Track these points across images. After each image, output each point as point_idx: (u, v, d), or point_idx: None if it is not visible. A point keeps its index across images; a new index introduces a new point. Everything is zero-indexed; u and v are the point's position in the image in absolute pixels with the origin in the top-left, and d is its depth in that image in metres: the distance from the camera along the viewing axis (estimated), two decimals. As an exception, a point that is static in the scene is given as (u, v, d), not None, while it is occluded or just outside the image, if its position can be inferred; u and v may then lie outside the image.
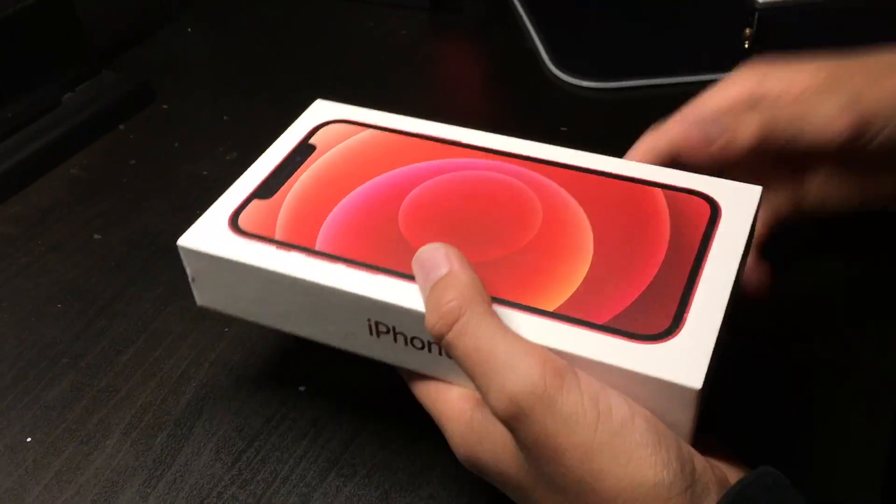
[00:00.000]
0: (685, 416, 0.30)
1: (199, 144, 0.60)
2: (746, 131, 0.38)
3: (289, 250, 0.35)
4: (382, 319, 0.34)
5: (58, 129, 0.60)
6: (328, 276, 0.34)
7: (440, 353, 0.33)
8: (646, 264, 0.34)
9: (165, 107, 0.64)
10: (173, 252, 0.51)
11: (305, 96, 0.45)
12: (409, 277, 0.33)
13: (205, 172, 0.57)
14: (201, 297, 0.38)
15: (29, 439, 0.40)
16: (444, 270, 0.31)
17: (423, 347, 0.34)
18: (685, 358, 0.30)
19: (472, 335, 0.30)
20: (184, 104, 0.64)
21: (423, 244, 0.33)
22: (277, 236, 0.36)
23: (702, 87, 0.42)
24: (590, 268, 0.34)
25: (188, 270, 0.38)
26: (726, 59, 0.65)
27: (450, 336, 0.30)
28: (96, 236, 0.52)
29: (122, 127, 0.62)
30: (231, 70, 0.69)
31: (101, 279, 0.49)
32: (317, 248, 0.36)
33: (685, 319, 0.32)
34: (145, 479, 0.38)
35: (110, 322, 0.46)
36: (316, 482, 0.38)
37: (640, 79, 0.63)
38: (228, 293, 0.37)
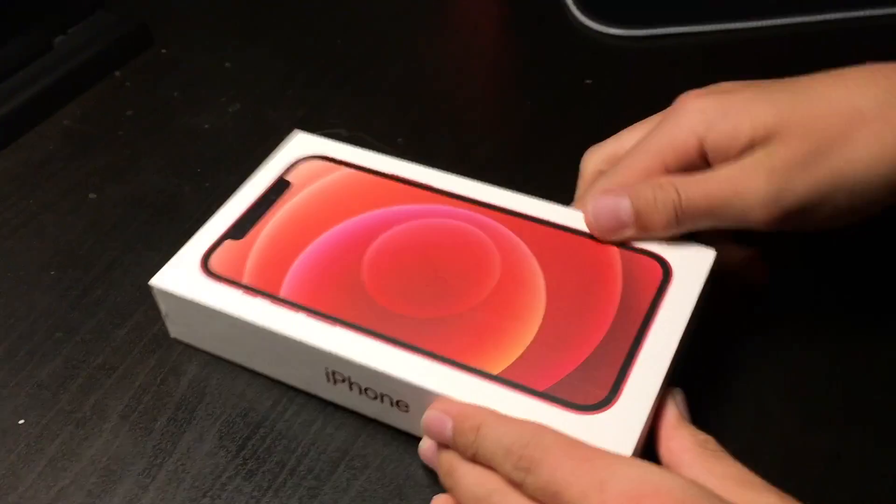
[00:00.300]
0: None
1: (200, 94, 0.57)
2: (660, 220, 0.36)
3: (254, 296, 0.37)
4: (338, 370, 0.35)
5: (49, 76, 0.56)
6: (289, 326, 0.36)
7: (392, 405, 0.35)
8: (592, 329, 0.35)
9: (164, 51, 0.60)
10: (173, 214, 0.48)
11: (310, 42, 0.42)
12: (366, 331, 0.35)
13: (206, 126, 0.54)
14: (173, 331, 0.41)
15: (21, 421, 0.38)
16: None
17: (376, 398, 0.35)
18: (616, 431, 0.32)
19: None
20: (183, 49, 0.61)
21: (384, 297, 0.37)
22: (245, 280, 0.38)
23: (736, 35, 0.38)
24: (538, 331, 0.35)
25: (161, 307, 0.40)
26: (761, 5, 0.60)
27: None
28: (91, 195, 0.49)
29: (117, 73, 0.59)
30: (233, 11, 0.65)
31: (97, 243, 0.47)
32: (281, 295, 0.37)
33: (622, 391, 0.33)
34: (144, 469, 0.36)
35: (107, 292, 0.44)
36: (325, 474, 0.36)
37: (672, 27, 0.59)
38: (198, 331, 0.40)
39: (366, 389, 0.35)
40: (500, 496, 0.30)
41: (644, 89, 0.55)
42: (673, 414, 0.33)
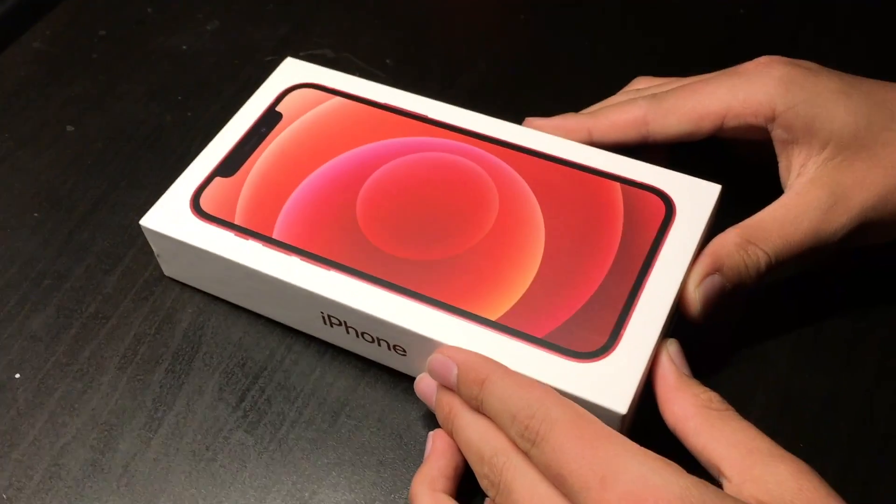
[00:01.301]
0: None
1: (174, 9, 0.54)
2: (752, 282, 0.35)
3: (247, 238, 0.36)
4: (334, 314, 0.35)
5: (14, -8, 0.53)
6: (282, 270, 0.35)
7: (389, 349, 0.35)
8: (592, 270, 0.34)
9: (134, -40, 0.57)
10: (156, 147, 0.47)
11: None
12: (362, 275, 0.35)
13: (184, 47, 0.51)
14: (167, 270, 0.40)
15: (18, 375, 0.38)
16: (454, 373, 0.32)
17: (373, 342, 0.35)
18: (614, 380, 0.31)
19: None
20: (154, -42, 0.57)
21: (379, 238, 0.36)
22: (237, 220, 0.37)
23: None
24: (537, 273, 0.35)
25: (153, 247, 0.39)
26: None
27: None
28: (69, 128, 0.47)
29: (86, -13, 0.55)
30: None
31: (80, 181, 0.45)
32: (274, 236, 0.36)
33: (621, 336, 0.32)
34: (145, 422, 0.36)
35: (94, 234, 0.43)
36: (326, 425, 0.36)
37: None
38: (191, 271, 0.39)
39: (363, 333, 0.35)
40: (505, 458, 0.30)
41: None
42: (671, 372, 0.32)
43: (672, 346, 0.33)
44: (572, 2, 0.53)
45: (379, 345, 0.35)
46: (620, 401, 0.31)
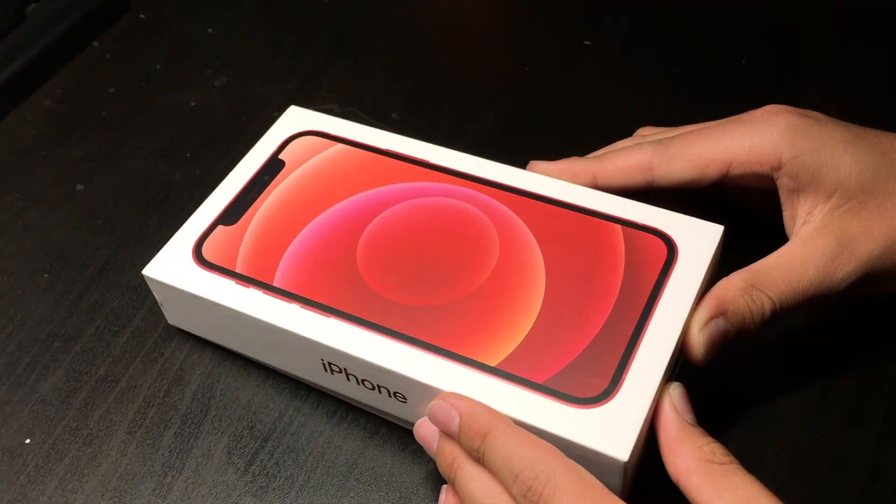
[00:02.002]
0: (615, 483, 0.31)
1: (184, 66, 0.55)
2: (755, 328, 0.35)
3: (248, 286, 0.37)
4: (334, 361, 0.35)
5: (26, 51, 0.54)
6: (283, 318, 0.35)
7: (390, 396, 0.35)
8: (593, 314, 0.34)
9: (142, 17, 0.58)
10: (165, 205, 0.47)
11: (296, 2, 0.40)
12: (362, 322, 0.35)
13: (192, 103, 0.52)
14: (171, 319, 0.41)
15: (28, 441, 0.38)
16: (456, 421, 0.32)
17: (373, 389, 0.35)
18: (615, 426, 0.31)
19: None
20: (163, 14, 0.58)
21: (379, 284, 0.36)
22: (238, 269, 0.37)
23: None
24: (537, 318, 0.34)
25: (156, 296, 0.40)
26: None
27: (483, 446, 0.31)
28: (80, 187, 0.48)
29: (95, 44, 0.56)
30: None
31: (90, 240, 0.46)
32: (275, 283, 0.37)
33: (622, 381, 0.32)
34: (155, 488, 0.36)
35: (103, 295, 0.43)
36: (335, 490, 0.36)
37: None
38: (194, 320, 0.39)
39: (363, 380, 0.35)
40: None
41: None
42: (673, 421, 0.32)
43: (675, 391, 0.33)
44: (576, 55, 0.53)
45: (379, 392, 0.35)
46: (621, 448, 0.30)
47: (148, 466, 0.37)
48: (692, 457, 0.31)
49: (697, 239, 0.36)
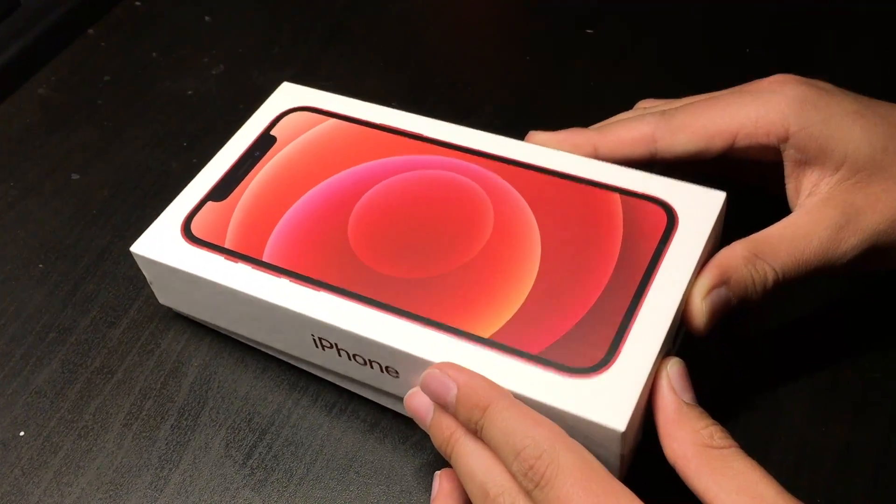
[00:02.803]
0: (612, 454, 0.30)
1: (180, 54, 0.54)
2: (756, 298, 0.34)
3: (236, 261, 0.36)
4: (324, 336, 0.34)
5: (20, 39, 0.53)
6: (272, 292, 0.35)
7: (382, 371, 0.34)
8: (590, 284, 0.33)
9: (138, 4, 0.57)
10: (161, 195, 0.47)
11: None
12: (353, 295, 0.34)
13: (189, 92, 0.51)
14: (161, 298, 0.40)
15: (22, 433, 0.38)
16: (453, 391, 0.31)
17: (365, 364, 0.34)
18: (612, 397, 0.30)
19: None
20: (159, 1, 0.57)
21: (370, 257, 0.35)
22: (227, 244, 0.37)
23: None
24: (532, 288, 0.34)
25: (145, 274, 0.39)
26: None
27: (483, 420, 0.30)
28: (74, 176, 0.47)
29: (91, 31, 0.55)
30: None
31: (85, 231, 0.45)
32: (264, 258, 0.36)
33: (619, 351, 0.31)
34: (151, 481, 0.36)
35: (98, 286, 0.42)
36: (335, 483, 0.35)
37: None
38: (184, 297, 0.39)
39: (354, 356, 0.34)
40: (511, 500, 0.29)
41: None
42: (670, 402, 0.30)
43: (673, 368, 0.31)
44: (577, 43, 0.53)
45: (371, 367, 0.34)
46: (619, 418, 0.29)
47: (144, 459, 0.36)
48: (689, 441, 0.29)
49: (698, 206, 0.35)
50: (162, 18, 0.56)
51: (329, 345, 0.35)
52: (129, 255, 0.43)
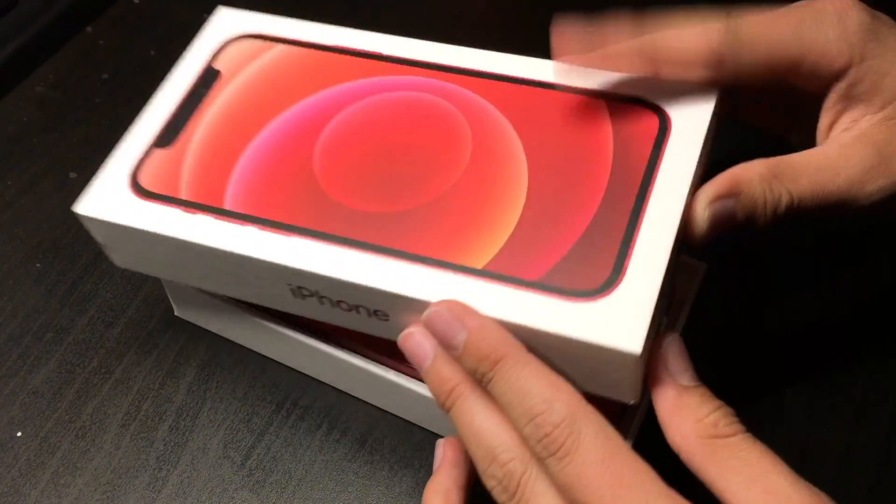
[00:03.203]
0: (628, 377, 0.28)
1: (178, 52, 0.53)
2: (764, 222, 0.31)
3: (195, 212, 0.32)
4: (303, 285, 0.31)
5: (18, 36, 0.52)
6: (239, 243, 0.31)
7: (369, 316, 0.31)
8: (585, 201, 0.31)
9: (137, 1, 0.57)
10: (159, 193, 0.46)
11: None
12: (328, 237, 0.31)
13: (187, 90, 0.51)
14: (118, 260, 0.36)
15: (19, 434, 0.37)
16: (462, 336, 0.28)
17: (350, 310, 0.31)
18: (623, 318, 0.27)
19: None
20: (157, -2, 0.57)
21: (342, 194, 0.32)
22: (183, 195, 0.33)
23: None
24: (523, 210, 0.31)
25: (95, 237, 0.35)
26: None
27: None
28: (72, 174, 0.47)
29: (89, 29, 0.55)
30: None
31: (83, 230, 0.44)
32: (226, 206, 0.32)
33: (625, 269, 0.29)
34: (149, 482, 0.36)
35: (96, 286, 0.42)
36: (333, 484, 0.35)
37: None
38: (142, 257, 0.35)
39: (338, 302, 0.31)
40: (523, 468, 0.27)
41: None
42: (669, 388, 0.28)
43: (670, 347, 0.29)
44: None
45: (357, 313, 0.31)
46: (633, 340, 0.27)
47: (142, 460, 0.36)
48: (692, 432, 0.27)
49: (690, 107, 0.32)
50: (160, 16, 0.56)
51: (309, 293, 0.32)
52: (127, 254, 0.43)
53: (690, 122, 0.32)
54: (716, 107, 0.32)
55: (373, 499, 0.35)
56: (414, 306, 0.29)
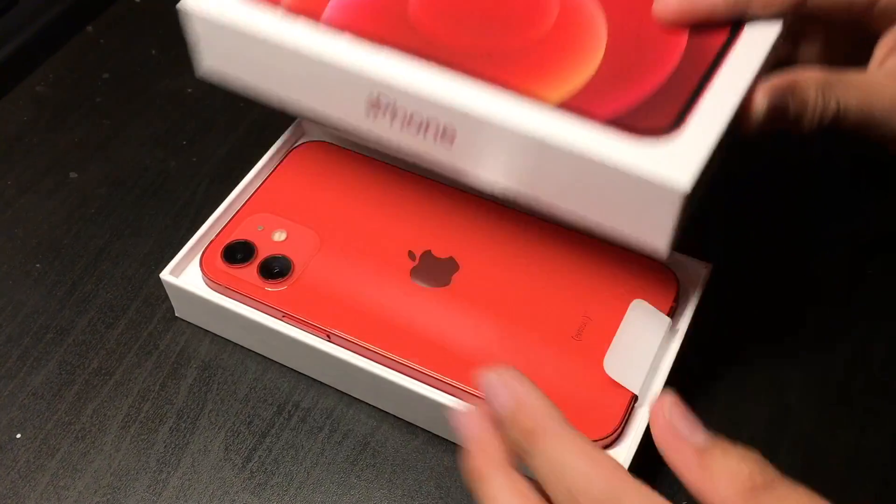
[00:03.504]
0: (670, 221, 0.30)
1: (179, 51, 0.52)
2: (808, 125, 0.33)
3: (294, 18, 0.34)
4: (383, 93, 0.33)
5: (18, 35, 0.52)
6: (331, 50, 0.33)
7: (437, 138, 0.33)
8: (661, 62, 0.33)
9: (137, 0, 0.56)
10: (160, 195, 0.46)
11: None
12: (413, 57, 0.33)
13: (189, 90, 0.51)
14: (207, 61, 0.37)
15: (19, 435, 0.37)
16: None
17: (419, 132, 0.33)
18: (677, 160, 0.29)
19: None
20: (158, -3, 0.57)
21: (433, 26, 0.34)
22: (284, 2, 0.35)
23: None
24: (601, 61, 0.33)
25: (192, 38, 0.37)
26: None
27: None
28: (73, 174, 0.47)
29: (89, 28, 0.55)
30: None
31: (83, 230, 0.44)
32: (324, 18, 0.34)
33: (687, 120, 0.31)
34: (149, 485, 0.35)
35: (97, 286, 0.42)
36: (336, 486, 0.35)
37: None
38: (231, 60, 0.36)
39: (411, 116, 0.33)
40: None
41: None
42: (690, 457, 0.26)
43: (675, 411, 0.27)
44: None
45: (425, 135, 0.33)
46: (682, 179, 0.29)
47: (142, 462, 0.36)
48: (731, 492, 0.25)
49: (760, 25, 0.34)
50: (161, 15, 0.55)
51: (385, 107, 0.33)
52: (128, 255, 0.43)
53: (759, 32, 0.34)
54: (782, 30, 0.34)
55: (375, 501, 0.34)
56: (481, 129, 0.32)
